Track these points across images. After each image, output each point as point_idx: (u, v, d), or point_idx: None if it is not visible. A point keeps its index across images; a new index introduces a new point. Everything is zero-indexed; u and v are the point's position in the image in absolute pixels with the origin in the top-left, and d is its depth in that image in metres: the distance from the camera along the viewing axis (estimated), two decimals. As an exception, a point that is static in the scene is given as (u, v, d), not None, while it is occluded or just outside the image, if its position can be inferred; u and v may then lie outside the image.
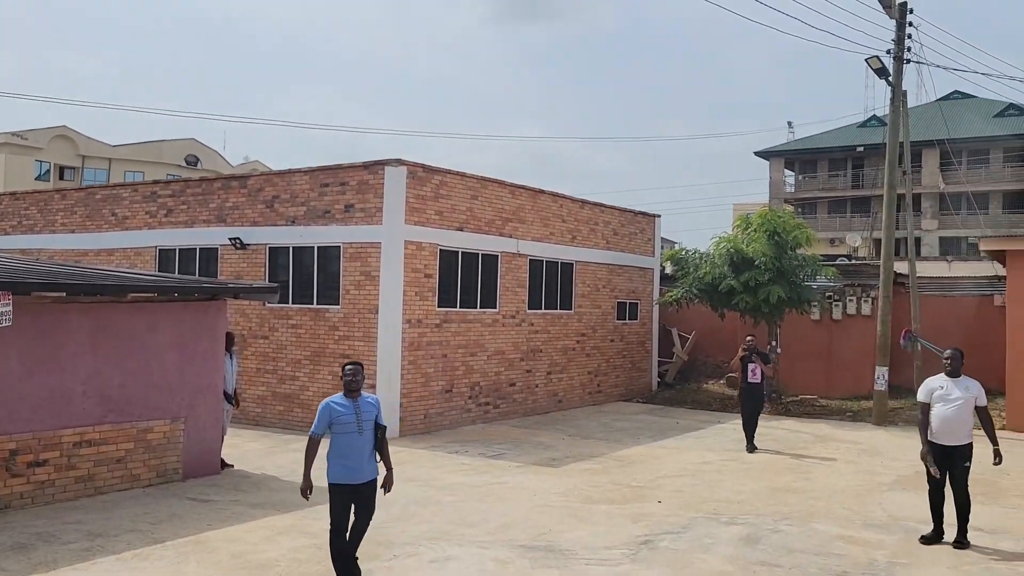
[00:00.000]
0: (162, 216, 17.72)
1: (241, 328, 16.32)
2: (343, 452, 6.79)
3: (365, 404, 6.93)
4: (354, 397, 6.90)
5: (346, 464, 6.78)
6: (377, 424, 6.94)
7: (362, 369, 7.05)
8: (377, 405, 7.06)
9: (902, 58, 16.86)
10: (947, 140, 38.86)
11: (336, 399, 6.90)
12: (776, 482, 11.56)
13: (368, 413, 6.90)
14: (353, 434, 6.78)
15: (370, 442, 6.87)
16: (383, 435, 7.00)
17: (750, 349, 14.36)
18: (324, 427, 6.82)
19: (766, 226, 18.46)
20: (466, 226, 16.11)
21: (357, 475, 6.81)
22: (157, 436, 10.53)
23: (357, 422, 6.79)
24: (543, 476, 11.63)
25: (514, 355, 17.41)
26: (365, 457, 6.84)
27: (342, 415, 6.79)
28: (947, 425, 8.49)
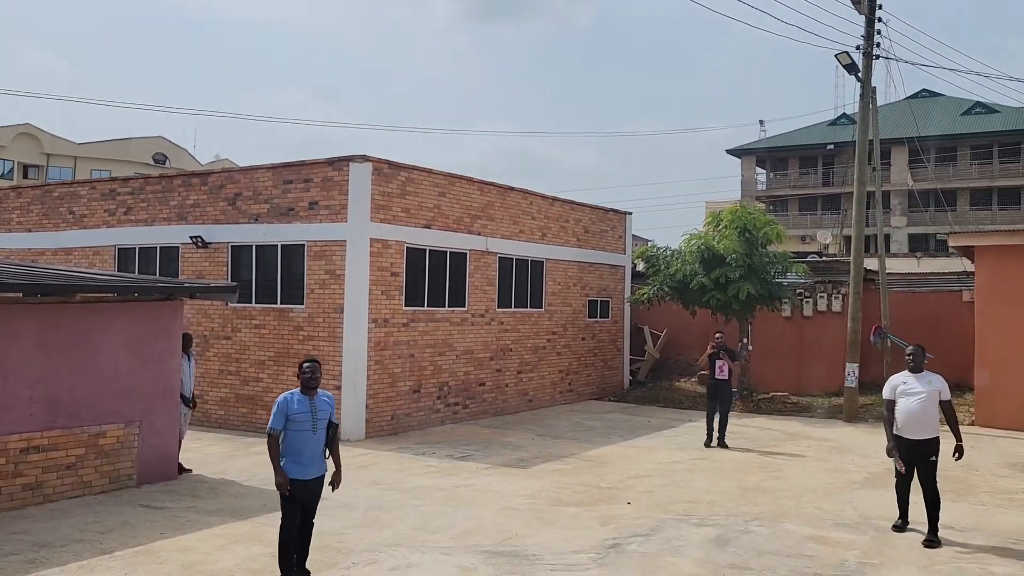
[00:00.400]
0: (121, 214, 17.26)
1: (203, 329, 15.94)
2: (297, 449, 6.77)
3: (321, 402, 6.91)
4: (311, 395, 6.88)
5: (299, 461, 6.77)
6: (330, 422, 6.93)
7: (320, 367, 7.02)
8: (332, 403, 7.05)
9: (871, 54, 16.81)
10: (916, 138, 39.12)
11: (293, 396, 6.87)
12: (746, 481, 11.42)
13: (323, 411, 6.88)
14: (307, 432, 6.76)
15: (323, 440, 6.87)
16: (335, 433, 7.00)
17: (718, 346, 14.43)
18: (282, 422, 6.77)
19: (737, 223, 18.36)
20: (434, 223, 15.83)
21: (308, 472, 6.83)
22: (110, 441, 10.16)
23: (312, 420, 6.78)
24: (511, 478, 11.39)
25: (483, 354, 17.16)
26: (318, 454, 6.86)
27: (298, 412, 6.77)
28: (912, 419, 8.58)
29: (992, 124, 55.97)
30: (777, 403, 19.11)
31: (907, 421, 8.61)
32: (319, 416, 6.82)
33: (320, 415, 6.83)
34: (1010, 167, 54.73)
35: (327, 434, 6.89)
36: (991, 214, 54.92)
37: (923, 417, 8.57)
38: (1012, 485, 11.40)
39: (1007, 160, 54.94)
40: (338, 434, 7.10)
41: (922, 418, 8.57)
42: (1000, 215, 53.76)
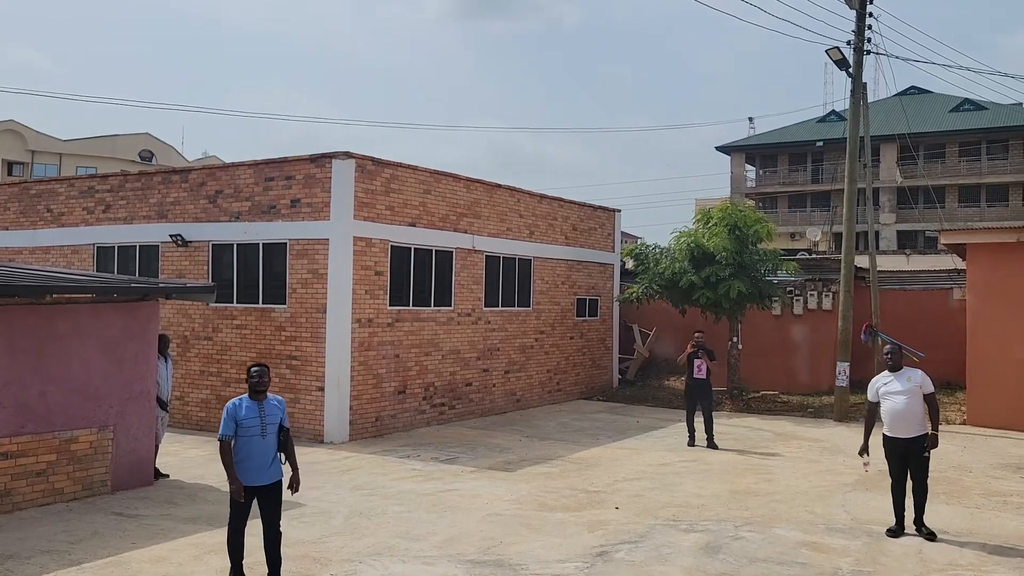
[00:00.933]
0: (100, 212, 16.91)
1: (184, 329, 15.62)
2: (246, 455, 6.77)
3: (270, 406, 6.90)
4: (259, 399, 6.88)
5: (248, 467, 6.75)
6: (281, 426, 6.93)
7: (268, 371, 7.02)
8: (282, 407, 7.04)
9: (862, 49, 16.60)
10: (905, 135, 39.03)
11: (241, 401, 6.87)
12: (737, 484, 11.20)
13: (272, 416, 6.88)
14: (256, 437, 6.77)
15: (273, 445, 6.87)
16: (288, 437, 6.99)
17: (698, 345, 14.32)
18: (232, 429, 6.76)
19: (727, 220, 18.14)
20: (419, 221, 15.55)
21: (260, 477, 6.79)
22: (83, 447, 9.85)
23: (261, 425, 6.78)
24: (496, 482, 11.14)
25: (470, 354, 16.90)
26: (268, 460, 6.82)
27: (246, 418, 6.77)
28: (897, 418, 8.66)
29: (980, 121, 56.07)
30: (767, 402, 18.93)
31: (894, 420, 8.67)
32: (268, 421, 6.80)
33: (269, 420, 6.81)
34: (998, 164, 54.84)
35: (278, 438, 6.87)
36: (979, 211, 55.03)
37: (908, 415, 8.62)
38: (1006, 487, 11.21)
39: (995, 157, 55.03)
40: (291, 437, 7.08)
41: (907, 416, 8.62)
42: (988, 212, 53.90)
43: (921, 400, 8.71)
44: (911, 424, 8.63)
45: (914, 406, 8.65)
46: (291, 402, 14.31)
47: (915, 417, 8.66)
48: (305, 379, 14.24)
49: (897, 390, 8.71)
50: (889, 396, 8.74)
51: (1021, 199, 54.37)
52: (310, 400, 14.15)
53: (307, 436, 14.08)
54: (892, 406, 8.70)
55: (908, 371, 8.85)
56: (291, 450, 7.02)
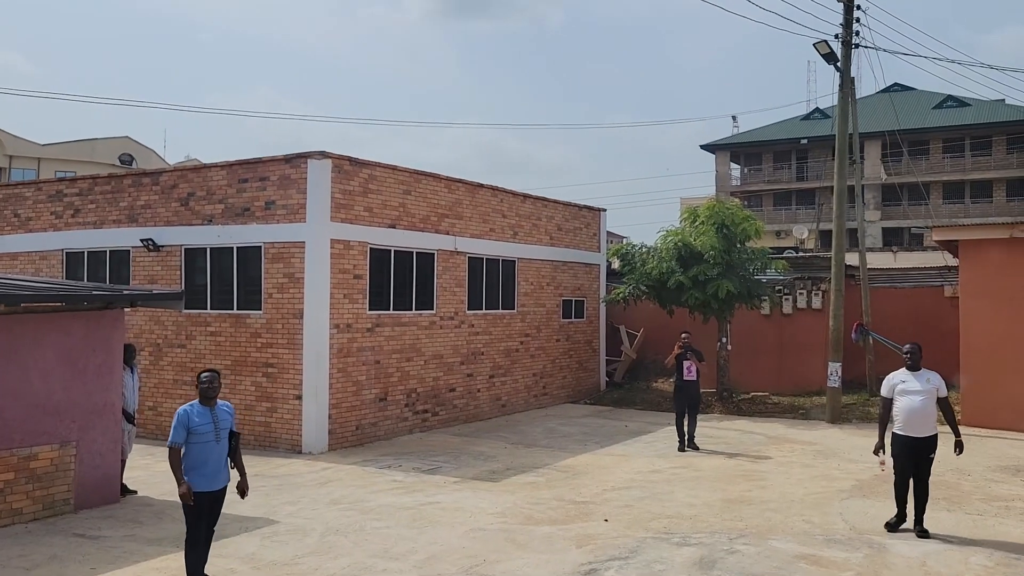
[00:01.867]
0: (69, 216, 16.34)
1: (156, 337, 15.09)
2: (201, 461, 6.77)
3: (221, 412, 6.96)
4: (211, 405, 6.93)
5: (204, 473, 6.77)
6: (232, 432, 6.98)
7: (219, 376, 7.10)
8: (232, 413, 7.10)
9: (850, 43, 16.27)
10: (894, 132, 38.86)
11: (193, 407, 6.90)
12: (730, 492, 10.79)
13: (225, 421, 6.93)
14: (211, 443, 6.79)
15: (226, 450, 6.91)
16: (237, 443, 7.03)
17: (685, 346, 14.08)
18: (183, 436, 6.77)
19: (714, 218, 17.78)
20: (399, 223, 15.08)
21: (214, 482, 6.86)
22: (43, 464, 9.34)
23: (215, 431, 6.82)
24: (480, 493, 10.69)
25: (453, 359, 16.44)
26: (221, 465, 6.90)
27: (199, 424, 6.78)
28: (913, 417, 8.67)
29: (964, 118, 56.11)
30: (757, 404, 18.57)
31: (909, 419, 8.69)
32: (221, 426, 6.86)
33: (222, 425, 6.88)
34: (982, 160, 54.90)
35: (229, 444, 6.92)
36: (964, 207, 55.09)
37: (924, 415, 8.67)
38: (1007, 491, 10.87)
39: (979, 153, 55.08)
40: (240, 443, 7.12)
41: (923, 415, 8.67)
42: (973, 208, 53.95)
43: (935, 402, 8.75)
44: (925, 424, 8.68)
45: (929, 407, 8.70)
46: (268, 411, 13.82)
47: (929, 418, 8.71)
48: (282, 387, 13.74)
49: (915, 389, 8.72)
50: (906, 394, 8.74)
51: (1005, 195, 54.45)
52: (287, 409, 13.66)
53: (285, 447, 13.59)
54: (909, 404, 8.70)
55: (927, 372, 8.86)
56: (239, 455, 7.08)
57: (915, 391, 8.69)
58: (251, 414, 13.95)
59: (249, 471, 12.25)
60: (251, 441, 13.89)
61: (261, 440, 13.84)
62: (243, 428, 14.00)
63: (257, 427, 13.90)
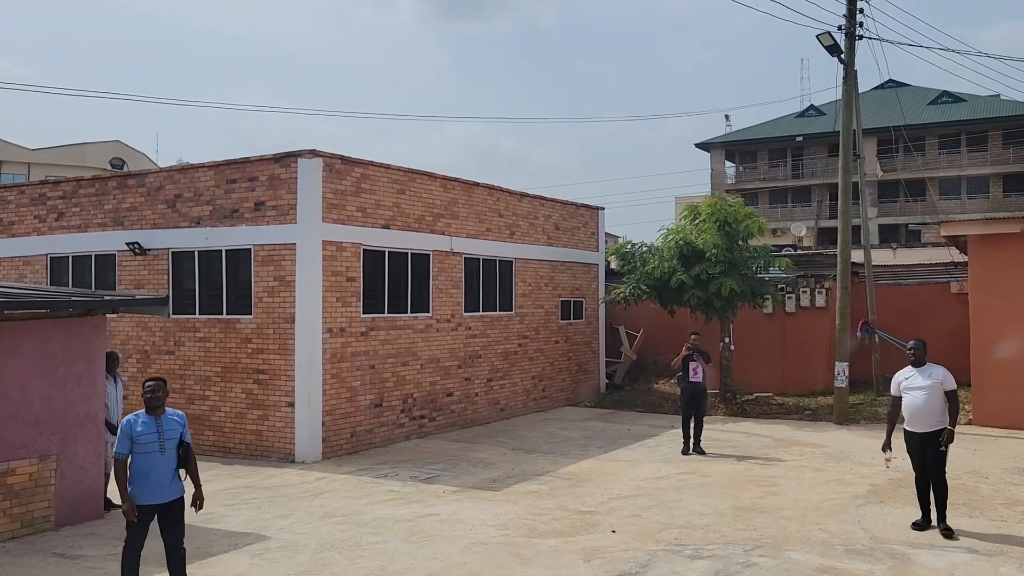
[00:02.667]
0: (52, 220, 15.86)
1: (143, 343, 14.62)
2: (144, 472, 6.53)
3: (168, 421, 6.70)
4: (156, 414, 6.68)
5: (146, 485, 6.53)
6: (182, 442, 6.73)
7: (164, 385, 6.83)
8: (182, 422, 6.82)
9: (854, 34, 15.87)
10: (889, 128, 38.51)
11: (137, 416, 6.66)
12: (741, 499, 10.37)
13: (171, 431, 6.67)
14: (154, 454, 6.55)
15: (173, 461, 6.65)
16: (188, 452, 6.78)
17: (693, 348, 13.80)
18: (127, 446, 6.54)
19: (716, 216, 17.35)
20: (393, 223, 14.63)
21: (159, 495, 6.57)
22: (21, 479, 8.87)
23: (159, 441, 6.57)
24: (481, 503, 10.24)
25: (450, 362, 15.99)
26: (168, 477, 6.61)
27: (143, 434, 6.55)
28: (918, 413, 8.73)
29: (959, 113, 55.85)
30: (762, 405, 18.16)
31: (913, 415, 8.77)
32: (167, 436, 6.61)
33: (168, 435, 6.62)
34: (977, 156, 54.69)
35: (178, 454, 6.67)
36: (960, 203, 54.86)
37: (927, 410, 8.67)
38: (1027, 494, 10.46)
39: (975, 149, 54.87)
40: (193, 453, 6.87)
41: (926, 411, 8.68)
42: (970, 204, 53.73)
43: (941, 396, 8.71)
44: (929, 419, 8.68)
45: (933, 402, 8.68)
46: (259, 419, 13.36)
47: (933, 413, 8.69)
48: (274, 394, 13.28)
49: (918, 385, 8.76)
50: (909, 391, 8.81)
51: (1002, 190, 54.24)
52: (279, 417, 13.20)
53: (277, 456, 13.13)
54: (911, 401, 8.77)
55: (931, 367, 8.85)
56: (193, 466, 6.82)
57: (918, 387, 8.74)
58: (242, 422, 13.50)
59: (240, 481, 11.91)
60: (242, 450, 13.44)
61: (252, 449, 13.38)
62: (234, 436, 13.56)
63: (248, 435, 13.44)
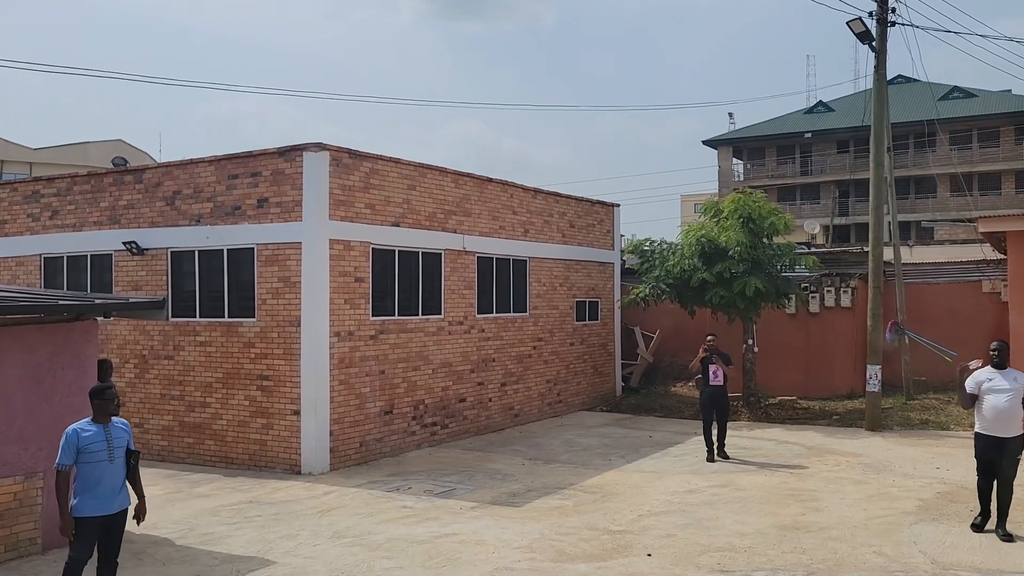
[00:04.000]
0: (46, 219, 15.15)
1: (142, 348, 13.91)
2: (93, 483, 6.27)
3: (116, 429, 6.46)
4: (104, 422, 6.44)
5: (96, 496, 6.28)
6: (129, 450, 6.49)
7: (115, 394, 6.55)
8: (128, 430, 6.59)
9: (886, 20, 15.12)
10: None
11: (83, 425, 6.40)
12: (782, 516, 9.63)
13: (120, 439, 6.44)
14: (104, 463, 6.31)
15: (122, 470, 6.44)
16: (136, 462, 6.55)
17: (711, 350, 13.20)
18: (72, 457, 6.28)
19: (739, 212, 16.60)
20: (403, 221, 13.91)
21: (109, 506, 6.35)
22: (4, 499, 8.16)
23: (108, 450, 6.34)
24: (502, 521, 9.51)
25: (463, 366, 15.26)
26: (117, 486, 6.41)
27: (91, 444, 6.29)
28: (1001, 416, 8.48)
29: (970, 109, 55.04)
30: (787, 409, 17.40)
31: (995, 418, 8.50)
32: (116, 444, 6.38)
33: (117, 443, 6.39)
34: (989, 152, 53.89)
35: (127, 463, 6.44)
36: (972, 200, 54.08)
37: (1011, 414, 8.47)
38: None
39: (986, 145, 54.07)
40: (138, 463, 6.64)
41: (1010, 415, 8.46)
42: (981, 200, 52.96)
43: (1020, 402, 8.49)
44: (1011, 423, 8.48)
45: (1017, 406, 8.48)
46: (263, 428, 12.64)
47: (1016, 418, 8.50)
48: (278, 402, 12.56)
49: (1003, 387, 8.52)
50: (992, 393, 8.54)
51: (1014, 187, 53.45)
52: (284, 426, 12.48)
53: (282, 467, 12.41)
54: (995, 403, 8.50)
55: (1013, 371, 8.68)
56: (137, 476, 6.60)
57: (1002, 389, 8.48)
58: (245, 431, 12.78)
59: (243, 496, 11.20)
60: (245, 461, 12.73)
61: (256, 460, 12.66)
62: (236, 446, 12.85)
63: (252, 445, 12.73)
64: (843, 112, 57.80)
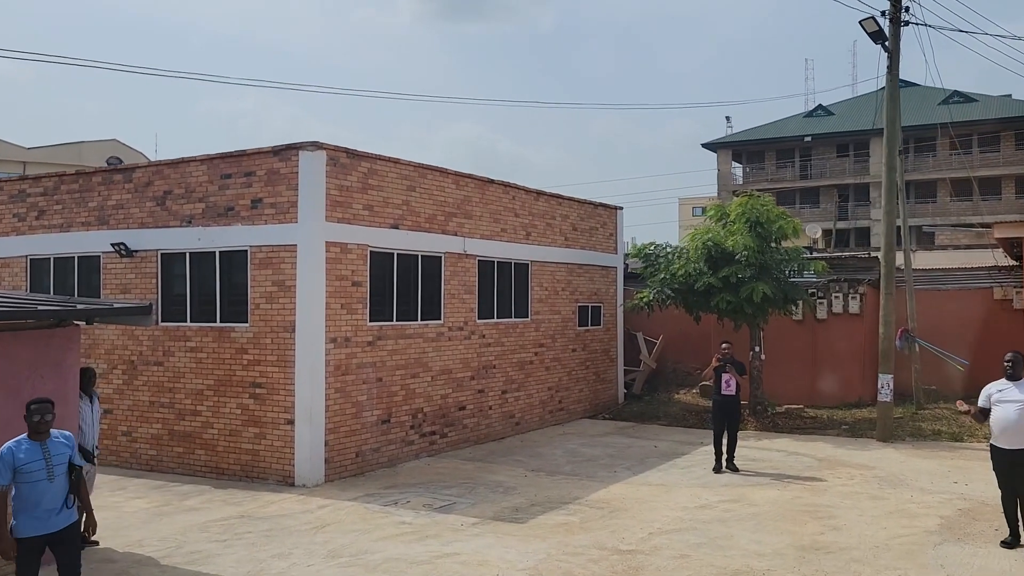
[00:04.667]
0: (33, 219, 14.66)
1: (130, 353, 13.42)
2: (33, 502, 5.98)
3: (56, 445, 6.12)
4: (42, 439, 6.09)
5: (36, 515, 6.00)
6: (72, 465, 6.16)
7: (52, 407, 6.16)
8: (70, 444, 6.23)
9: (899, 19, 14.71)
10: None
11: (19, 443, 6.04)
12: (799, 535, 9.18)
13: (60, 455, 6.09)
14: (42, 482, 5.99)
15: (64, 487, 6.12)
16: (79, 477, 6.20)
17: (725, 358, 12.78)
18: (8, 476, 5.92)
19: (747, 216, 16.17)
20: (402, 223, 13.45)
21: (50, 524, 6.05)
22: (-22, 517, 7.66)
23: (46, 468, 6.00)
24: (505, 539, 9.05)
25: (463, 373, 14.80)
26: (58, 504, 6.08)
27: (28, 462, 5.95)
28: (1008, 428, 8.28)
29: (970, 113, 54.75)
30: (794, 418, 16.96)
31: (1004, 430, 8.31)
32: (55, 462, 6.05)
33: (57, 460, 6.06)
34: (990, 157, 53.59)
35: (69, 479, 6.13)
36: (972, 205, 53.82)
37: (1019, 426, 8.20)
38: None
39: (987, 150, 53.80)
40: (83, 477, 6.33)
41: (1018, 427, 8.21)
42: (982, 206, 52.67)
43: None
44: (1020, 435, 8.22)
45: None
46: (255, 438, 12.16)
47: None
48: (271, 410, 12.09)
49: (1013, 399, 8.28)
50: (1002, 404, 8.34)
51: (1014, 192, 53.19)
52: (278, 435, 12.00)
53: (275, 478, 11.93)
54: (1003, 415, 8.31)
55: None
56: (84, 491, 6.34)
57: (1012, 400, 8.27)
58: (237, 441, 12.30)
59: (234, 510, 10.71)
60: (237, 471, 12.25)
61: (248, 470, 12.18)
62: (228, 456, 12.37)
63: (244, 455, 12.25)
64: (843, 116, 57.55)
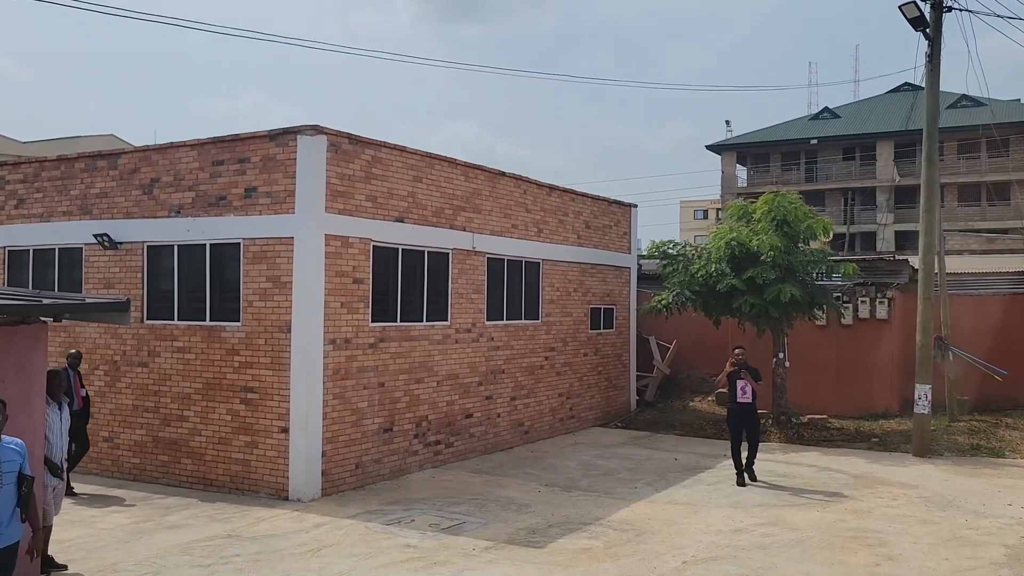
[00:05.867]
0: (11, 208, 13.68)
1: (113, 353, 12.44)
2: None
3: (6, 451, 5.59)
4: None
5: None
6: (22, 475, 5.64)
7: (4, 408, 5.61)
8: (22, 452, 5.70)
9: (941, 4, 13.80)
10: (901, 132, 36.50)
11: None
12: (852, 566, 8.22)
13: (10, 463, 5.58)
14: None
15: (12, 498, 5.60)
16: (29, 488, 5.67)
17: (739, 364, 12.05)
18: None
19: (773, 214, 15.23)
20: (407, 216, 12.49)
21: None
22: (-75, 541, 6.69)
23: None
24: (524, 568, 8.08)
25: (471, 378, 13.83)
26: (5, 517, 5.56)
27: None
28: None
29: (979, 118, 53.82)
30: (819, 430, 16.00)
31: None
32: (5, 469, 5.56)
33: (6, 468, 5.56)
34: (998, 162, 52.77)
35: (18, 490, 5.61)
36: (980, 210, 53.09)
37: None
38: None
39: (995, 154, 53.00)
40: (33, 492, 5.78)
41: None
42: (990, 211, 51.92)
43: None
44: None
45: None
46: (247, 447, 11.18)
47: None
48: (264, 417, 11.11)
49: None
50: None
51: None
52: (271, 445, 11.02)
53: (267, 491, 10.95)
54: None
55: None
56: (34, 507, 5.77)
57: None
58: (226, 449, 11.32)
59: (221, 528, 9.72)
60: (226, 483, 11.27)
61: (238, 482, 11.20)
62: (217, 467, 11.39)
63: (234, 466, 11.26)
64: (849, 119, 56.75)
